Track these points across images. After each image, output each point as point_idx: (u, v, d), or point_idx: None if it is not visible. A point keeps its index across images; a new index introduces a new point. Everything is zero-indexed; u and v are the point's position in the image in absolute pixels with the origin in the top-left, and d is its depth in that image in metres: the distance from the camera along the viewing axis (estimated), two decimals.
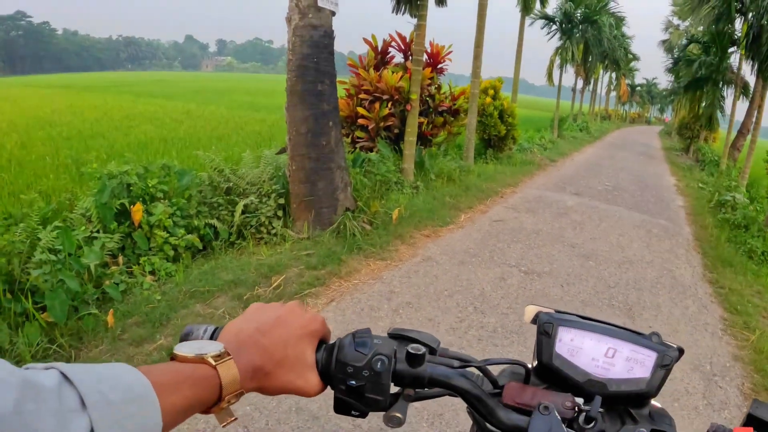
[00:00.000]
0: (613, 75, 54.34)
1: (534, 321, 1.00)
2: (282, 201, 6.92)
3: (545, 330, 0.98)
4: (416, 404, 3.59)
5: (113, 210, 5.64)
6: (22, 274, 4.29)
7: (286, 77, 6.83)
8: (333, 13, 6.84)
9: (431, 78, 10.81)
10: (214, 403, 0.73)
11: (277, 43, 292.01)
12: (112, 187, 5.75)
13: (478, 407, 0.90)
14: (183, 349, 0.74)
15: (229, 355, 0.75)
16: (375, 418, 3.30)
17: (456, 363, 0.92)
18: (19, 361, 3.69)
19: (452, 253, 6.97)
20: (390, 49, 10.93)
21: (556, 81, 28.14)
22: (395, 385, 0.88)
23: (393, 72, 9.93)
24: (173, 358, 0.74)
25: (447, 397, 0.94)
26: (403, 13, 9.52)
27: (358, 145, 9.95)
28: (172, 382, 0.67)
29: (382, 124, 9.83)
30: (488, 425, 0.90)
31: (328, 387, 0.88)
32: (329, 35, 6.79)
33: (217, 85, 49.90)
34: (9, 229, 4.81)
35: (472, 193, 10.35)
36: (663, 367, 0.94)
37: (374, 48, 10.79)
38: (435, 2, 9.73)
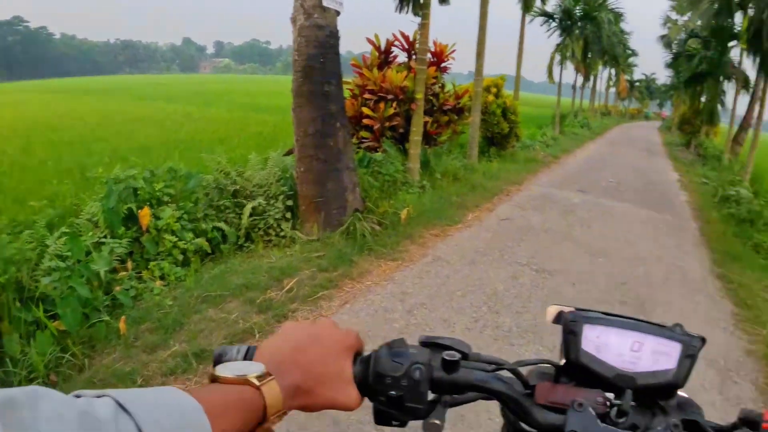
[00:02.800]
0: (612, 71, 54.40)
1: (556, 321, 1.00)
2: (290, 203, 6.85)
3: (571, 329, 0.97)
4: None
5: (120, 215, 5.57)
6: (31, 281, 4.23)
7: (291, 78, 6.77)
8: (338, 13, 6.77)
9: (435, 77, 10.74)
10: (258, 423, 0.73)
11: (275, 44, 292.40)
12: (119, 192, 5.69)
13: (514, 408, 0.91)
14: (224, 372, 0.74)
15: (270, 375, 0.75)
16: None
17: (489, 367, 0.93)
18: (31, 372, 3.64)
19: (462, 253, 6.91)
20: (393, 48, 10.84)
21: (556, 78, 28.15)
22: (432, 392, 0.89)
23: (397, 71, 9.86)
24: (214, 380, 0.74)
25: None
26: (406, 12, 9.48)
27: (363, 146, 9.87)
28: (220, 405, 0.67)
29: (387, 123, 9.75)
30: (523, 425, 0.92)
31: (366, 399, 0.88)
32: (335, 35, 6.72)
33: (216, 87, 49.86)
34: (18, 237, 4.73)
35: (478, 191, 10.30)
36: (688, 357, 0.95)
37: (377, 48, 10.71)
38: (438, 0, 9.67)
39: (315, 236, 6.62)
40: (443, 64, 11.01)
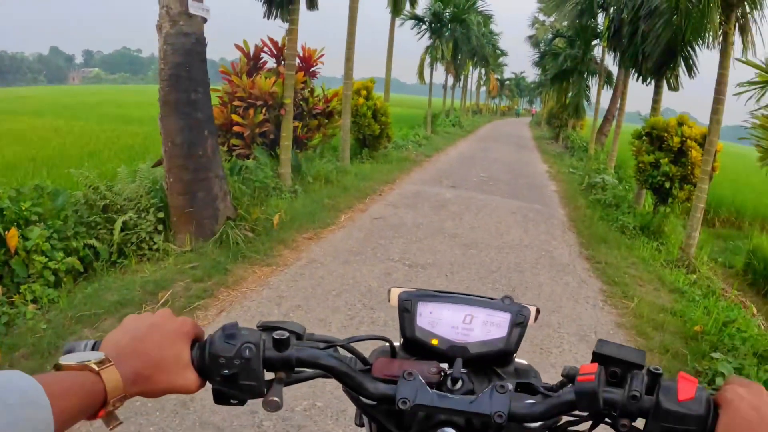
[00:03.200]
0: (483, 71, 55.81)
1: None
2: (161, 215, 6.80)
3: (405, 307, 1.06)
4: (292, 395, 3.78)
5: None
6: None
7: (158, 87, 6.73)
8: (204, 20, 6.77)
9: (304, 81, 10.91)
10: (100, 407, 0.78)
11: (146, 51, 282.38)
12: None
13: (348, 382, 0.96)
14: (67, 360, 0.79)
15: (110, 361, 0.80)
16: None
17: (322, 345, 0.99)
18: None
19: (336, 254, 7.11)
20: (262, 54, 10.95)
21: (427, 79, 28.76)
22: (267, 371, 0.95)
23: (266, 77, 9.97)
24: (58, 368, 0.79)
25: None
26: (274, 18, 9.54)
27: (234, 153, 9.92)
28: (60, 389, 0.72)
29: (257, 130, 9.85)
30: (362, 399, 0.97)
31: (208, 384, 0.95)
32: (201, 42, 6.74)
33: (86, 98, 47.72)
34: None
35: (350, 193, 10.52)
36: (518, 326, 1.04)
37: (246, 54, 10.79)
38: (306, 6, 9.79)
39: (188, 247, 6.63)
40: (312, 69, 11.23)
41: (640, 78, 13.55)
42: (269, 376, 0.95)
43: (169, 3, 6.49)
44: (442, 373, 0.97)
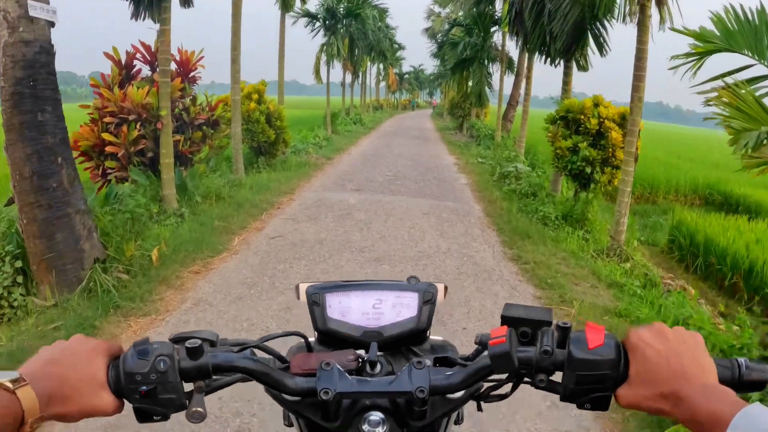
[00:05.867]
0: (381, 66, 55.49)
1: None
2: (20, 264, 5.66)
3: (314, 300, 1.15)
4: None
5: None
6: None
7: (1, 109, 5.57)
8: (51, 24, 5.64)
9: (183, 89, 9.82)
10: (19, 427, 0.77)
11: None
12: None
13: (267, 381, 0.97)
14: None
15: (24, 381, 0.80)
16: None
17: (236, 348, 1.00)
18: None
19: (227, 289, 6.16)
20: (135, 62, 9.81)
21: (324, 78, 27.92)
22: (186, 381, 0.92)
23: (138, 87, 8.86)
24: None
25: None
26: (144, 19, 8.45)
27: (110, 176, 8.78)
28: None
29: (132, 149, 8.74)
30: (285, 397, 0.99)
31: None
32: (47, 51, 5.59)
33: None
34: None
35: (245, 209, 9.54)
36: (427, 303, 1.14)
37: (117, 62, 9.62)
38: (180, 3, 8.74)
39: (51, 301, 5.54)
40: (192, 74, 10.15)
41: (548, 60, 13.12)
42: (188, 387, 0.94)
43: (7, 6, 5.32)
44: (360, 360, 1.01)
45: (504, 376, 0.96)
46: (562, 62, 12.69)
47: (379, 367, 1.01)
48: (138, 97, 8.68)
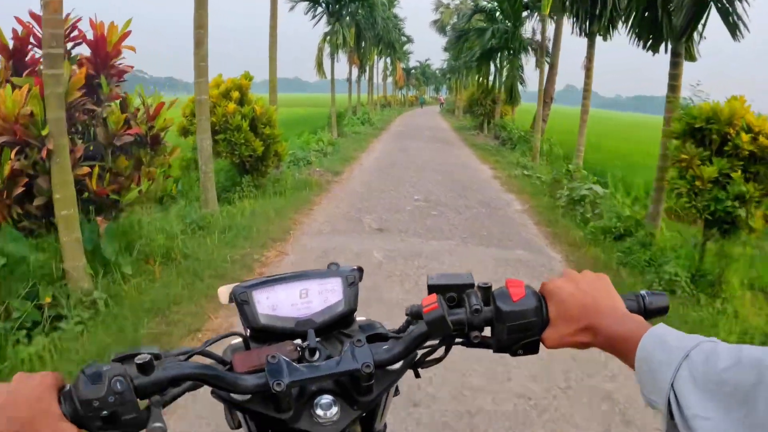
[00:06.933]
0: (388, 60, 52.04)
1: (231, 299, 1.13)
2: None
3: (242, 299, 1.11)
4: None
5: None
6: None
7: None
8: None
9: (93, 84, 5.96)
10: None
11: None
12: None
13: (219, 384, 0.95)
14: None
15: None
16: None
17: (182, 357, 0.99)
18: None
19: None
20: (32, 47, 6.07)
21: (327, 72, 24.39)
22: (141, 398, 0.89)
23: (16, 88, 5.16)
24: None
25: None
26: None
27: None
28: None
29: (7, 194, 5.03)
30: (234, 397, 0.98)
31: None
32: None
33: None
34: None
35: (204, 284, 5.74)
36: (351, 285, 1.16)
37: (3, 48, 5.92)
38: None
39: None
40: (116, 62, 6.22)
41: (645, 45, 9.37)
42: (142, 404, 0.90)
43: None
44: (299, 349, 1.03)
45: (437, 341, 1.04)
46: (668, 49, 8.88)
47: (318, 353, 1.03)
48: (11, 105, 4.97)
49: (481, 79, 29.60)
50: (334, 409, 0.97)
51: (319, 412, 0.97)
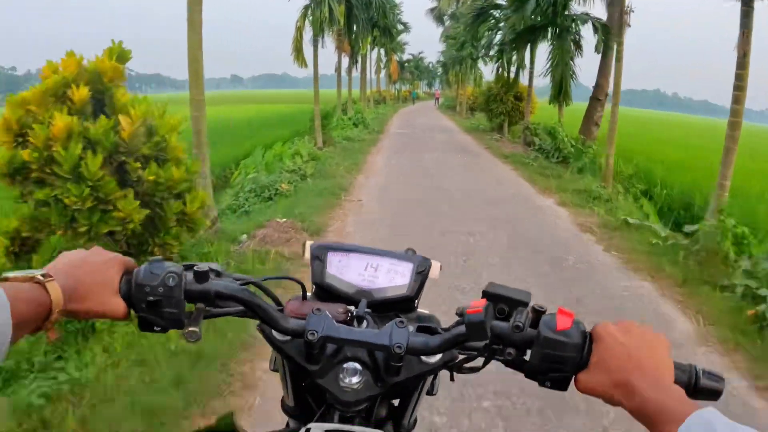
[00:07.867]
0: (383, 51, 46.64)
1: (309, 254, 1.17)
2: None
3: (317, 256, 1.15)
4: None
5: None
6: None
7: None
8: None
9: None
10: (46, 317, 0.85)
11: (22, 68, 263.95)
12: None
13: (262, 316, 0.98)
14: (12, 273, 0.86)
15: (51, 276, 0.87)
16: None
17: (239, 282, 1.02)
18: None
19: None
20: None
21: (309, 60, 18.64)
22: (189, 302, 0.96)
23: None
24: (4, 280, 0.84)
25: None
26: None
27: None
28: (14, 293, 0.79)
29: None
30: (275, 335, 1.00)
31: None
32: None
33: None
34: None
35: None
36: (419, 274, 1.14)
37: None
38: None
39: None
40: None
41: None
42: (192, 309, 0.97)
43: None
44: (349, 313, 1.04)
45: (481, 344, 0.98)
46: None
47: (365, 323, 1.04)
48: None
49: (501, 70, 23.99)
50: (358, 378, 0.97)
51: (344, 375, 0.97)
